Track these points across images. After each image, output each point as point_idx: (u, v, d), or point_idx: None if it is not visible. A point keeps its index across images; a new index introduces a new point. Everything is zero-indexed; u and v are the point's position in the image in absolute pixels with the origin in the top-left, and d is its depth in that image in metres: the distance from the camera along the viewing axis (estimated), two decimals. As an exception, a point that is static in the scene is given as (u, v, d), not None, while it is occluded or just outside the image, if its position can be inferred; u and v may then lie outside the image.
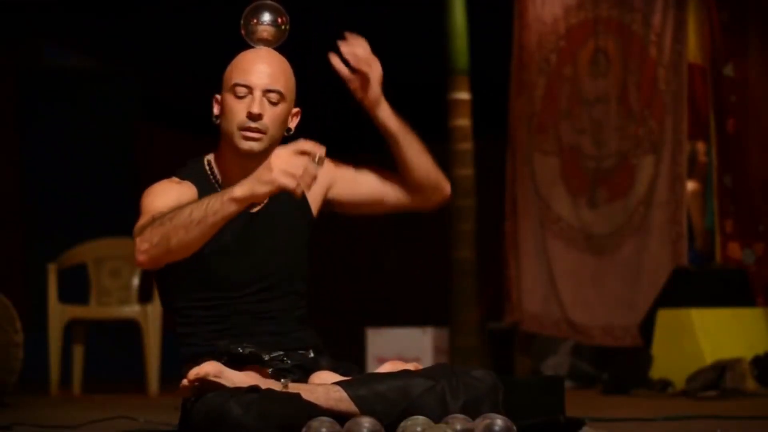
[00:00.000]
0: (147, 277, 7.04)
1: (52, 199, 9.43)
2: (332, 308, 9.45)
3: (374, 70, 3.10)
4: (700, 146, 7.28)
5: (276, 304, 3.14)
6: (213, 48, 9.54)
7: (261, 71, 3.09)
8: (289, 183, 2.87)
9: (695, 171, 7.27)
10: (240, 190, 2.89)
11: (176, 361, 3.19)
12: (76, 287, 7.13)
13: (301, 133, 3.11)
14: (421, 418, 2.82)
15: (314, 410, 2.83)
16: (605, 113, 7.49)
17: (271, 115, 3.08)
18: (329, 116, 8.47)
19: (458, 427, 2.80)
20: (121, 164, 9.79)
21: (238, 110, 3.07)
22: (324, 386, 2.94)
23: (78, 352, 6.97)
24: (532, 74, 7.83)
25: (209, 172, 3.15)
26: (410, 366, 3.08)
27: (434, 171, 3.23)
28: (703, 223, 7.27)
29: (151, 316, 6.84)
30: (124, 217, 9.28)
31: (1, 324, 5.67)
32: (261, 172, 2.90)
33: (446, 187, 3.27)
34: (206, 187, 3.11)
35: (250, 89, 3.08)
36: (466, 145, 7.87)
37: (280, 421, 2.78)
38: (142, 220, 3.01)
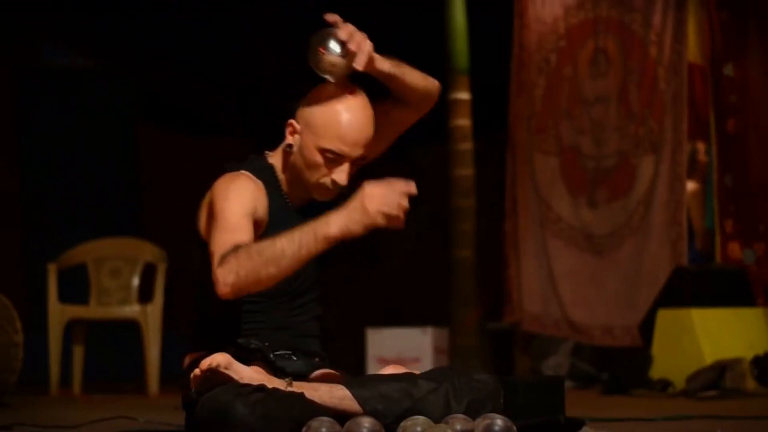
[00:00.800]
0: (147, 277, 7.04)
1: (52, 199, 9.42)
2: (332, 308, 9.44)
3: (367, 42, 3.05)
4: (700, 146, 7.28)
5: (301, 308, 3.16)
6: (212, 48, 9.55)
7: (358, 143, 3.03)
8: (386, 223, 2.86)
9: (695, 171, 7.27)
10: (336, 228, 2.86)
11: (176, 361, 3.18)
12: (76, 287, 7.13)
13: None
14: (421, 418, 2.82)
15: (318, 410, 2.84)
16: (605, 113, 7.49)
17: (350, 174, 3.07)
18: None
19: (458, 427, 2.80)
20: (121, 164, 9.79)
21: (324, 172, 3.04)
22: (327, 385, 2.94)
23: (78, 352, 6.97)
24: (532, 74, 7.83)
25: (275, 178, 3.13)
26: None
27: (428, 80, 3.25)
28: (703, 223, 7.26)
29: (151, 316, 6.83)
30: (124, 217, 9.36)
31: (1, 324, 5.67)
32: (356, 213, 2.85)
33: (438, 84, 3.29)
34: (274, 191, 3.09)
35: (342, 158, 3.03)
36: (466, 145, 7.87)
37: (284, 421, 2.78)
38: (221, 247, 2.90)
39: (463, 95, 7.84)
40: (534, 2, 7.82)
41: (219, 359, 2.91)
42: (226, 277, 2.87)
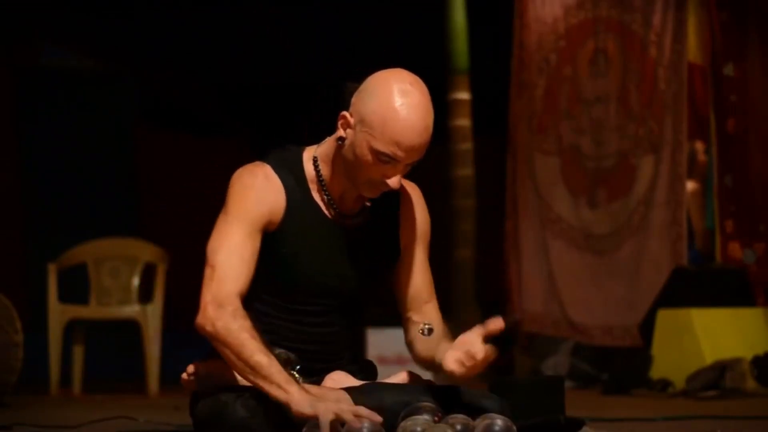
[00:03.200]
0: (147, 277, 7.04)
1: (52, 199, 9.43)
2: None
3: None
4: (699, 146, 7.28)
5: (328, 325, 3.05)
6: (213, 48, 9.55)
7: (415, 148, 2.81)
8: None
9: (695, 171, 7.27)
10: (296, 406, 2.69)
11: (176, 361, 3.18)
12: (76, 287, 7.13)
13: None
14: (421, 418, 2.81)
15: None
16: (605, 113, 7.50)
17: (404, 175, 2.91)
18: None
19: (458, 427, 2.80)
20: (121, 164, 9.80)
21: (375, 171, 2.85)
22: (335, 393, 2.88)
23: (78, 352, 6.97)
24: (532, 74, 7.83)
25: (314, 171, 2.95)
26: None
27: None
28: (703, 223, 7.27)
29: (151, 316, 6.83)
30: (124, 217, 9.36)
31: (1, 324, 5.67)
32: (320, 408, 2.68)
33: None
34: (297, 190, 2.93)
35: (396, 162, 2.84)
36: (466, 145, 7.88)
37: (285, 426, 2.76)
38: (214, 273, 2.80)
39: (463, 95, 7.84)
40: (534, 2, 7.82)
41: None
42: (205, 323, 2.78)
